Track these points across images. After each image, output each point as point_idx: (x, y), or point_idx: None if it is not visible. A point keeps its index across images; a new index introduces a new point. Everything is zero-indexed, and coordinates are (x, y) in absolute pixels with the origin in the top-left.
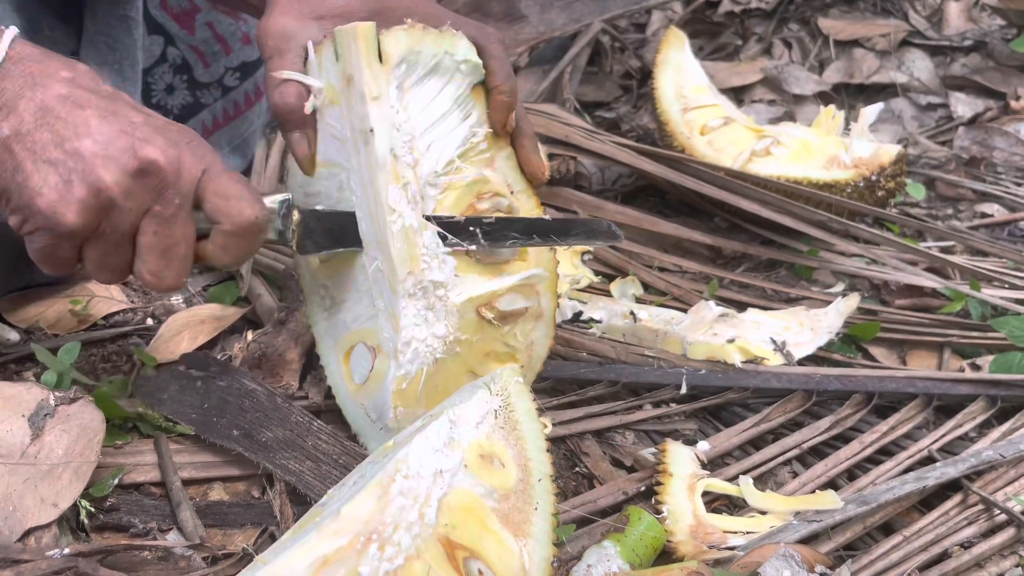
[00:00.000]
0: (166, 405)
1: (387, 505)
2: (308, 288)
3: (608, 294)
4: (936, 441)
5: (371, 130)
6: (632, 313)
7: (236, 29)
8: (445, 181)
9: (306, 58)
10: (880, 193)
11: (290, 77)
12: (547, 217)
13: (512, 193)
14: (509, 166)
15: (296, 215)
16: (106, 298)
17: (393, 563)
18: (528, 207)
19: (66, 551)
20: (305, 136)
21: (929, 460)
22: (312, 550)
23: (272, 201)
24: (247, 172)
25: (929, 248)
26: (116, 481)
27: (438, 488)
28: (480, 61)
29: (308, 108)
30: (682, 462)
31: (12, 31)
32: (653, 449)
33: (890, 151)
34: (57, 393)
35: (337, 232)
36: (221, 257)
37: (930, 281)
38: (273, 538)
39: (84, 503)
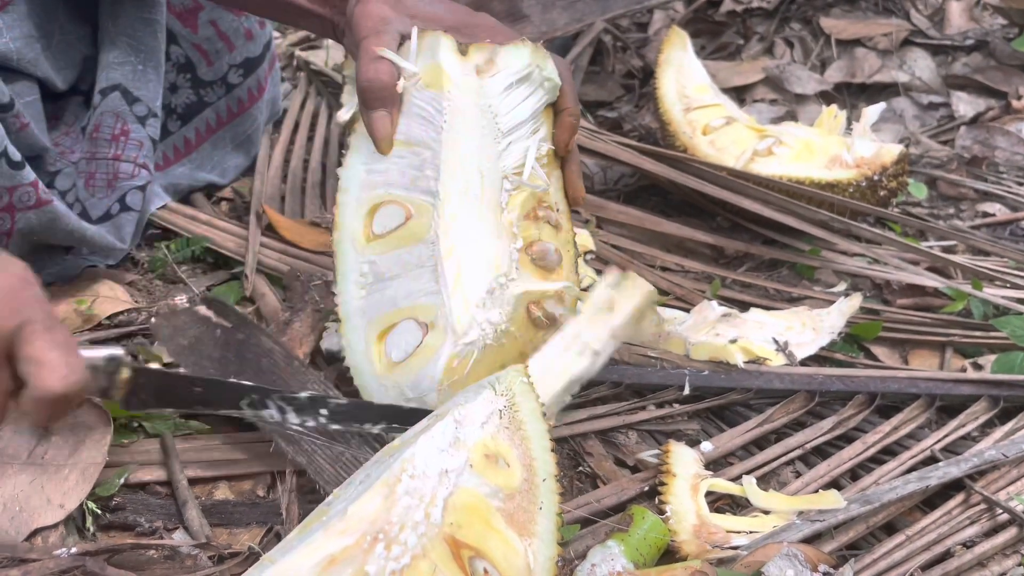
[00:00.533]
0: (184, 353)
1: (393, 504)
2: (347, 264)
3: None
4: (939, 441)
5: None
6: None
7: (239, 25)
8: (518, 181)
9: (401, 44)
10: (882, 193)
11: (387, 56)
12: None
13: (557, 212)
14: (556, 187)
15: (125, 373)
16: (110, 298)
17: (399, 562)
18: (566, 228)
19: (73, 550)
20: (389, 115)
21: (932, 460)
22: (319, 549)
23: (98, 357)
24: (250, 169)
25: (931, 248)
26: (122, 481)
27: (443, 488)
28: (560, 82)
29: (400, 87)
30: (685, 463)
31: None
32: (656, 451)
33: (892, 151)
34: None
35: (168, 392)
36: (34, 417)
37: (932, 281)
38: (279, 537)
39: (90, 504)
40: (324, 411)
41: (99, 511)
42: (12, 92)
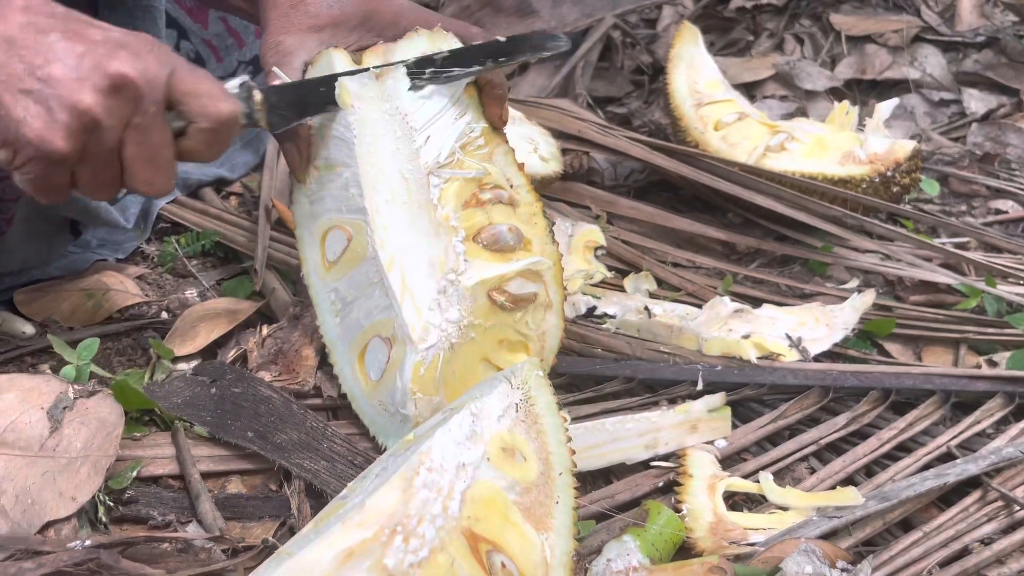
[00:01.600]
0: (180, 410)
1: (411, 497)
2: (319, 296)
3: (621, 289)
4: (954, 438)
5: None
6: (646, 308)
7: (249, 23)
8: (448, 173)
9: (305, 69)
10: (895, 189)
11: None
12: (498, 39)
13: (512, 187)
14: (507, 161)
15: (258, 95)
16: (121, 291)
17: (418, 555)
18: (527, 200)
19: (87, 543)
20: (296, 147)
21: (947, 457)
22: (337, 542)
23: (232, 86)
24: (259, 166)
25: (944, 244)
26: (134, 474)
27: (461, 481)
28: None
29: (308, 124)
30: (702, 464)
31: None
32: (668, 463)
33: (905, 147)
34: (77, 386)
35: (301, 101)
36: (202, 153)
37: (945, 277)
38: (292, 531)
39: (103, 496)
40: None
41: (112, 504)
42: None
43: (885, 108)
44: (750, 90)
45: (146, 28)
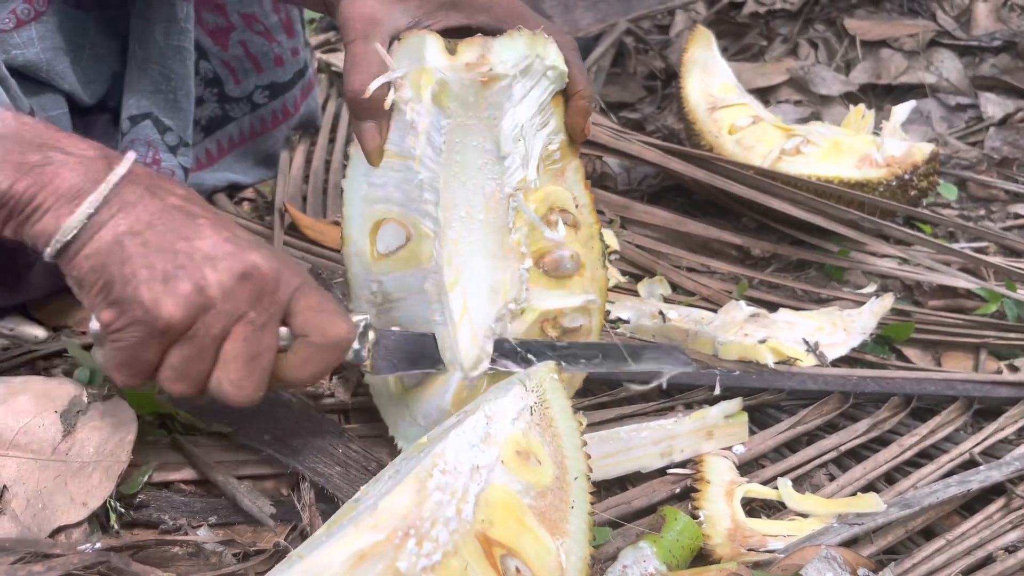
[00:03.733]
0: (199, 411)
1: (424, 500)
2: (358, 281)
3: (635, 294)
4: (977, 444)
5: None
6: (661, 313)
7: (269, 50)
8: (525, 189)
9: (391, 44)
10: (913, 192)
11: (378, 64)
12: (617, 343)
13: (576, 207)
14: (576, 178)
15: (372, 335)
16: None
17: (431, 559)
18: (588, 222)
19: (98, 546)
20: (378, 126)
21: (970, 464)
22: (349, 544)
23: (353, 319)
24: (271, 173)
25: (963, 249)
26: (146, 479)
27: (475, 484)
28: (566, 69)
29: (387, 103)
30: (719, 471)
31: (133, 154)
32: (683, 470)
33: (923, 150)
34: (91, 390)
35: (412, 354)
36: (299, 371)
37: (964, 282)
38: (303, 535)
39: (113, 502)
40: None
41: (123, 509)
42: (37, 104)
43: (902, 111)
44: (764, 95)
45: (175, 67)
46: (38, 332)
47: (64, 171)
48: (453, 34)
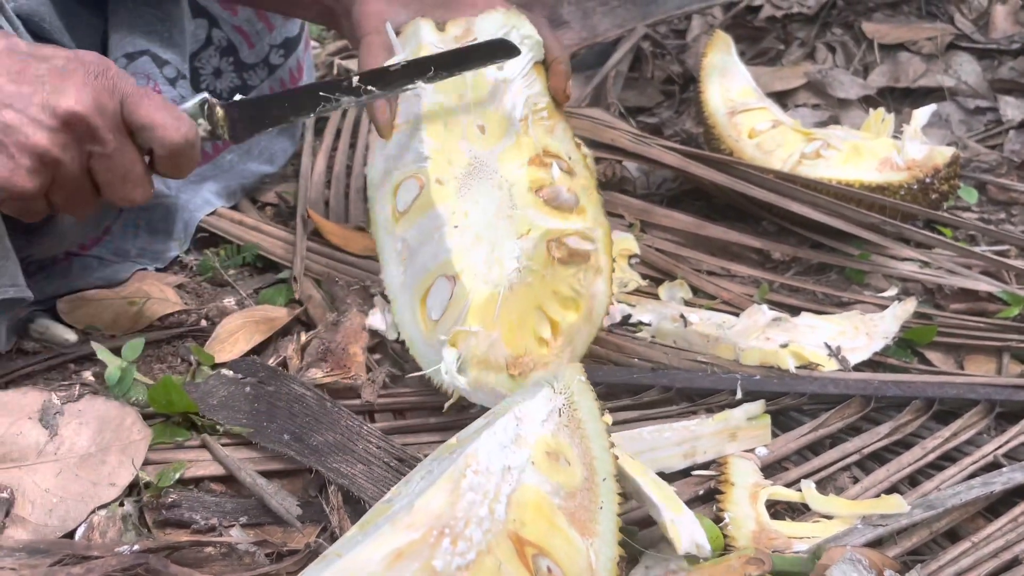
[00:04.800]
0: (216, 411)
1: (458, 500)
2: (386, 249)
3: (656, 297)
4: (1001, 447)
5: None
6: (682, 316)
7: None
8: (522, 126)
9: (397, 34)
10: (933, 196)
11: (389, 46)
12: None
13: (569, 159)
14: (565, 136)
15: (219, 111)
16: (161, 299)
17: (465, 558)
18: (583, 175)
19: (135, 547)
20: (389, 103)
21: (994, 466)
22: (387, 543)
23: (192, 105)
24: (297, 157)
25: (985, 252)
26: (178, 476)
27: (507, 484)
28: (541, 39)
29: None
30: (744, 473)
31: None
32: (707, 471)
33: (944, 153)
34: (60, 392)
35: (262, 113)
36: (172, 172)
37: (987, 285)
38: (334, 536)
39: (146, 496)
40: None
41: (154, 505)
42: None
43: (922, 114)
44: (781, 99)
45: (170, 10)
46: (69, 335)
47: None
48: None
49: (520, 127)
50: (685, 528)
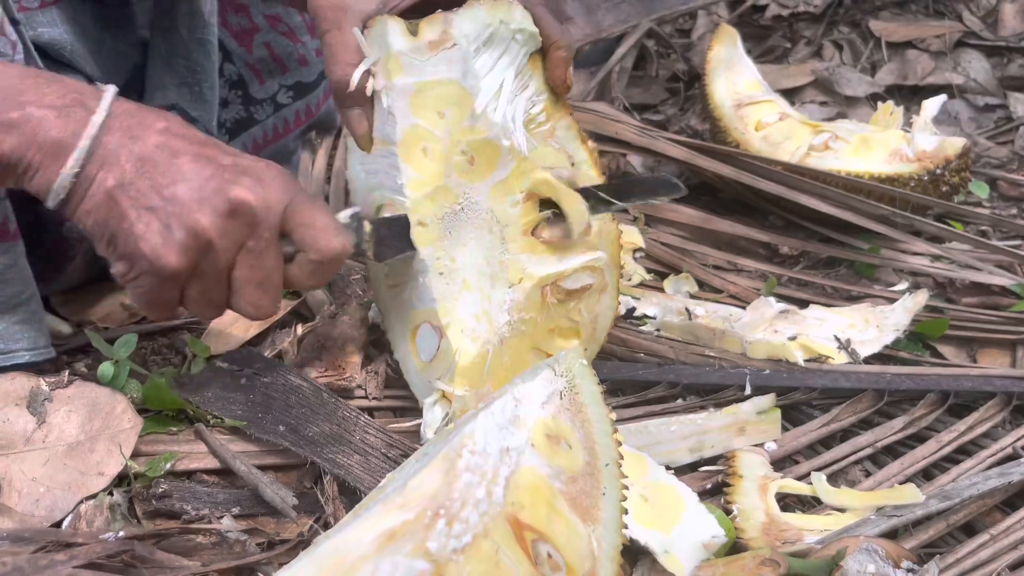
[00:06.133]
0: (211, 403)
1: (454, 480)
2: (372, 268)
3: (661, 291)
4: (1019, 439)
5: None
6: (687, 310)
7: (293, 51)
8: (513, 152)
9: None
10: (944, 188)
11: (356, 58)
12: (602, 183)
13: (572, 164)
14: (568, 135)
15: (368, 226)
16: None
17: (461, 540)
18: (590, 177)
19: (121, 534)
20: (364, 113)
21: (1011, 459)
22: (378, 523)
23: (344, 217)
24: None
25: (1000, 245)
26: (169, 466)
27: (505, 466)
28: (536, 29)
29: (369, 90)
30: (752, 466)
31: (112, 90)
32: (713, 467)
33: (955, 144)
34: (48, 378)
35: (408, 233)
36: (307, 281)
37: (1000, 279)
38: (327, 526)
39: (137, 486)
40: None
41: (145, 495)
42: None
43: (933, 105)
44: (788, 97)
45: (199, 60)
46: (62, 327)
47: (44, 128)
48: (421, 9)
49: (512, 152)
50: (683, 553)
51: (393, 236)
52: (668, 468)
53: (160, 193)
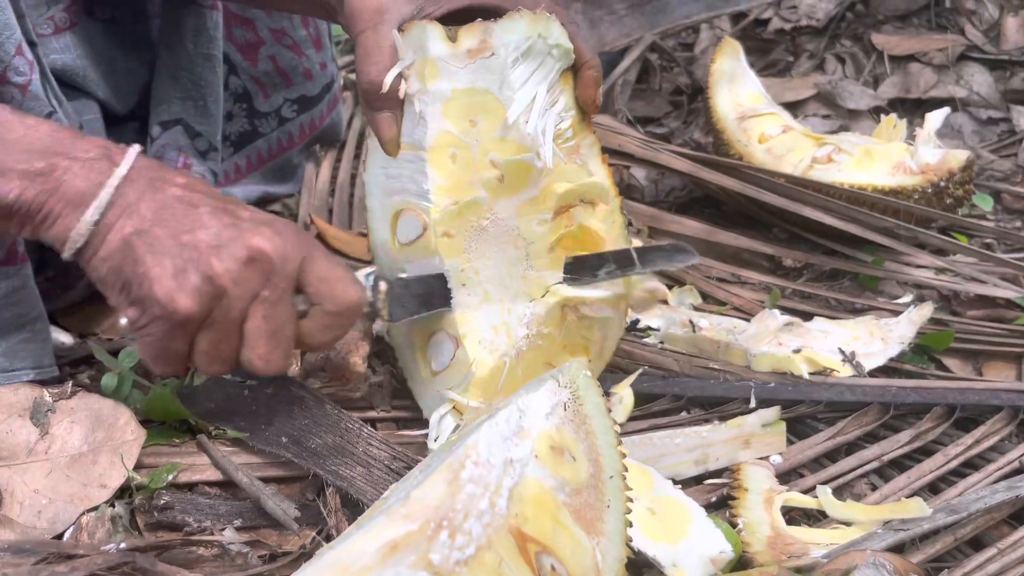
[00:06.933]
0: (214, 414)
1: (457, 491)
2: (384, 269)
3: (665, 303)
4: None
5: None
6: (691, 322)
7: (298, 64)
8: (544, 169)
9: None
10: (948, 200)
11: (390, 57)
12: (624, 248)
13: (591, 175)
14: (591, 153)
15: (383, 286)
16: None
17: (464, 552)
18: (609, 197)
19: (122, 546)
20: (394, 117)
21: (1018, 472)
22: (382, 534)
23: (361, 275)
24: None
25: (1005, 258)
26: (171, 477)
27: (509, 477)
28: (571, 46)
29: (402, 92)
30: (758, 479)
31: (136, 148)
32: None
33: (959, 156)
34: (51, 389)
35: (425, 296)
36: (320, 336)
37: (1005, 291)
38: (329, 539)
39: (138, 499)
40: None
41: (146, 507)
42: (73, 108)
43: (936, 117)
44: (791, 110)
45: (204, 75)
46: (65, 339)
47: (69, 177)
48: (457, 18)
49: (543, 172)
50: (691, 567)
51: (410, 296)
52: (676, 483)
53: (178, 239)
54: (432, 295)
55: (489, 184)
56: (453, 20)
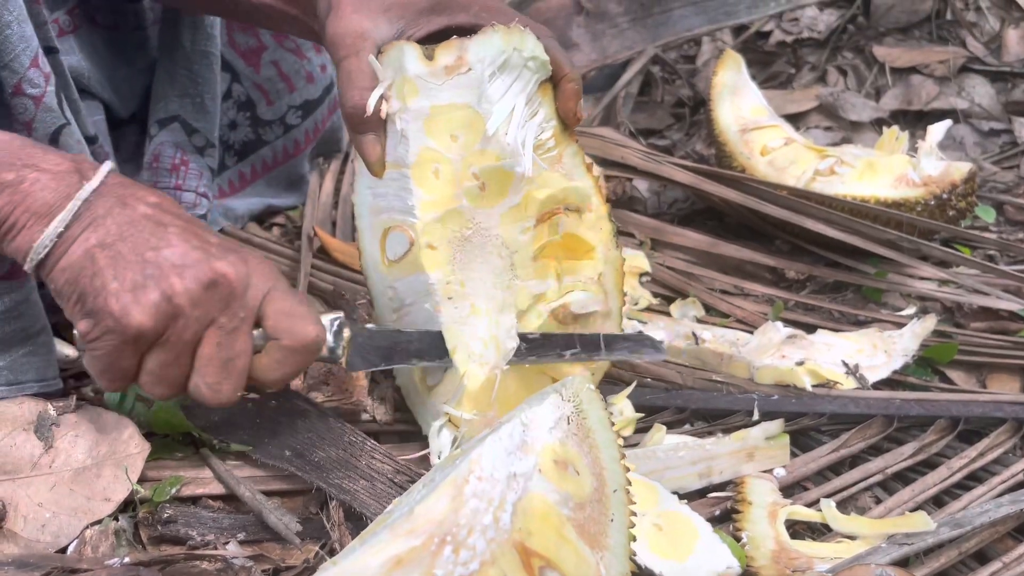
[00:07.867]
0: (217, 427)
1: (461, 506)
2: (376, 288)
3: (668, 316)
4: None
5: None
6: (694, 334)
7: (300, 68)
8: (524, 179)
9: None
10: (951, 213)
11: (372, 81)
12: (593, 334)
13: (576, 190)
14: (575, 162)
15: (347, 333)
16: None
17: (468, 567)
18: (594, 204)
19: (126, 560)
20: (378, 139)
21: (1023, 486)
22: (385, 549)
23: (326, 319)
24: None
25: (1008, 270)
26: (174, 491)
27: (512, 492)
28: (548, 57)
29: (384, 112)
30: (762, 492)
31: (108, 164)
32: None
33: (961, 168)
34: (55, 403)
35: (387, 350)
36: (273, 372)
37: (1008, 303)
38: (332, 553)
39: (141, 512)
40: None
41: (150, 521)
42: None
43: (938, 130)
44: (793, 122)
45: (201, 72)
46: (69, 352)
47: (36, 189)
48: (437, 37)
49: (524, 180)
50: None
51: (373, 348)
52: (680, 497)
53: (141, 255)
54: (394, 350)
55: (470, 193)
56: (433, 41)
